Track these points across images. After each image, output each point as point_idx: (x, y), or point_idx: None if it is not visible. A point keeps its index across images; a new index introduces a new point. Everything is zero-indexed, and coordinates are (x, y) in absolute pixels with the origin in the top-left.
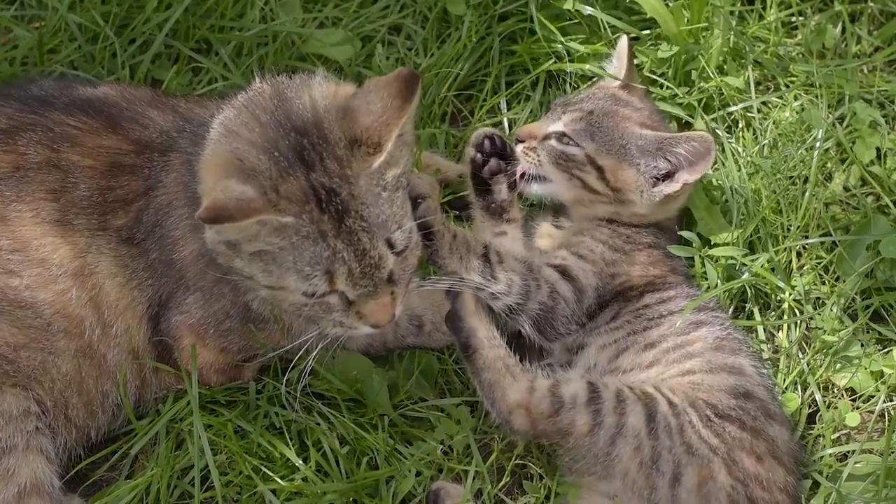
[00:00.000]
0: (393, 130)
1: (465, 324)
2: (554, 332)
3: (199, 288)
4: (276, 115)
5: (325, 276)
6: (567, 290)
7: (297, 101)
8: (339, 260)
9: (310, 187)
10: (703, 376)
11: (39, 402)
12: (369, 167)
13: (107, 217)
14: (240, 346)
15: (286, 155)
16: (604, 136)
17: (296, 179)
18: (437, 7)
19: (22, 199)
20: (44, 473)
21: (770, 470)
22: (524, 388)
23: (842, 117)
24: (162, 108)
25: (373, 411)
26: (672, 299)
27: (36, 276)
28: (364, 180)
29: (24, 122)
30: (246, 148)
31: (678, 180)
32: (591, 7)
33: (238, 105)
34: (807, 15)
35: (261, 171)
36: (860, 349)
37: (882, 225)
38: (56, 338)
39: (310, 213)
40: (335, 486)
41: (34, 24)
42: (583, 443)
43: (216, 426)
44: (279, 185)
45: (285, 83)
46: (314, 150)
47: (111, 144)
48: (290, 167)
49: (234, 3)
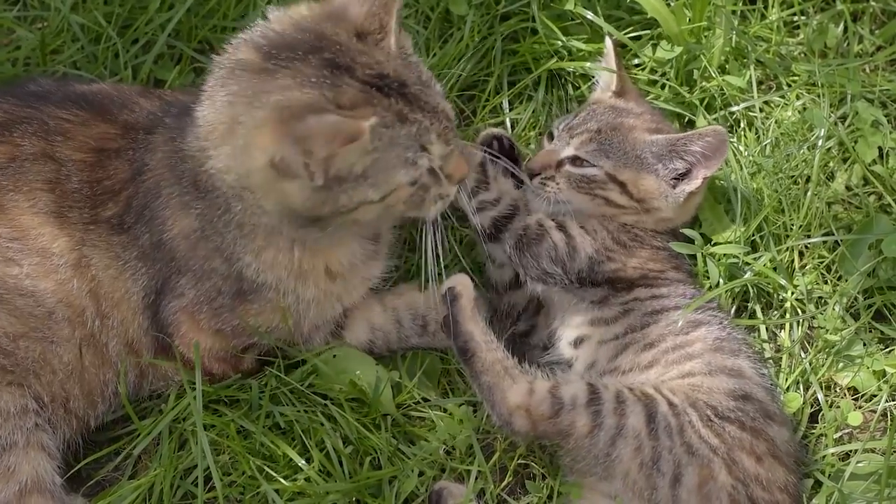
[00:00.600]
0: (392, 9)
1: (463, 328)
2: (536, 264)
3: (189, 268)
4: (279, 52)
5: (422, 152)
6: (560, 239)
7: (283, 31)
8: (425, 128)
9: (362, 84)
10: (702, 378)
11: (38, 398)
12: (388, 50)
13: (97, 210)
14: (233, 327)
15: (322, 73)
16: (617, 152)
17: (347, 86)
18: (439, 7)
19: (19, 189)
20: (45, 471)
21: (770, 470)
22: (524, 390)
23: (844, 116)
24: (149, 97)
25: (376, 411)
26: (664, 296)
27: (36, 264)
28: (394, 58)
29: (20, 115)
30: (286, 94)
31: (697, 177)
32: (592, 12)
33: (231, 74)
34: (809, 14)
35: (317, 101)
36: (862, 348)
37: (884, 224)
38: (59, 326)
39: (380, 103)
40: (338, 486)
41: (37, 25)
42: (583, 444)
43: (219, 426)
44: (340, 100)
45: (251, 34)
46: (340, 55)
47: (99, 132)
48: (334, 80)
49: (237, 4)
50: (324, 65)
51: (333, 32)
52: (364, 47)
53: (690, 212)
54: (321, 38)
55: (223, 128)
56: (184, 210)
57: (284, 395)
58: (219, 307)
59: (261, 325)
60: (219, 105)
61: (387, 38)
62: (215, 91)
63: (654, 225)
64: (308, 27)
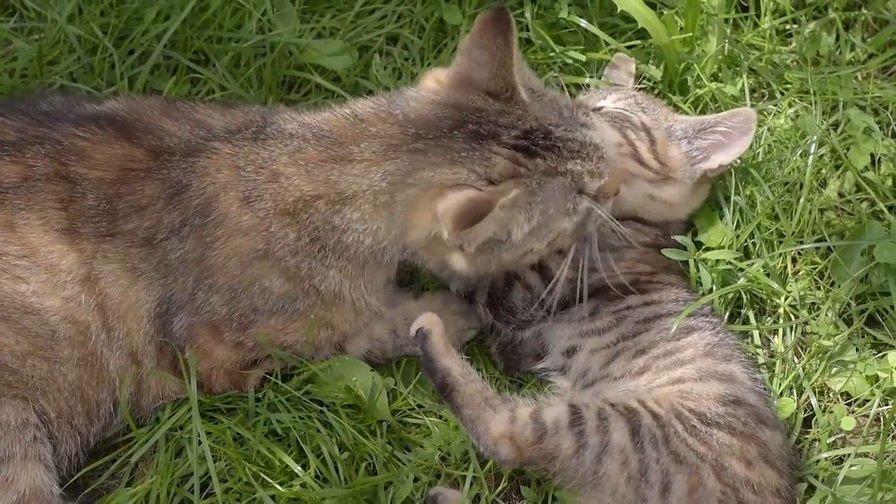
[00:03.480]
0: (511, 67)
1: (438, 364)
2: (512, 317)
3: (230, 287)
4: (426, 128)
5: (579, 196)
6: (535, 279)
7: (420, 105)
8: (578, 174)
9: (510, 149)
10: (692, 385)
11: (41, 413)
12: (523, 101)
13: (116, 223)
14: (254, 344)
15: (468, 146)
16: (652, 115)
17: (497, 155)
18: (433, 17)
19: (31, 208)
20: (43, 481)
21: (761, 474)
22: (506, 419)
23: (836, 124)
24: (177, 119)
25: (372, 417)
26: (657, 303)
27: (43, 282)
28: (531, 106)
29: (33, 135)
30: (434, 171)
31: (715, 161)
32: (586, 20)
33: (385, 155)
34: (801, 23)
35: (467, 179)
36: (855, 353)
37: (876, 230)
38: (61, 346)
39: (526, 166)
40: (334, 493)
41: (34, 36)
42: (570, 465)
43: (215, 433)
44: (491, 174)
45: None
46: (480, 122)
47: (123, 153)
48: (482, 152)
49: (232, 15)
50: (467, 137)
51: (468, 99)
52: (502, 106)
53: (694, 203)
54: (458, 107)
55: (370, 203)
56: (243, 232)
57: (281, 402)
58: (249, 322)
59: (285, 342)
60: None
61: (516, 91)
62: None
63: (657, 208)
64: (441, 99)
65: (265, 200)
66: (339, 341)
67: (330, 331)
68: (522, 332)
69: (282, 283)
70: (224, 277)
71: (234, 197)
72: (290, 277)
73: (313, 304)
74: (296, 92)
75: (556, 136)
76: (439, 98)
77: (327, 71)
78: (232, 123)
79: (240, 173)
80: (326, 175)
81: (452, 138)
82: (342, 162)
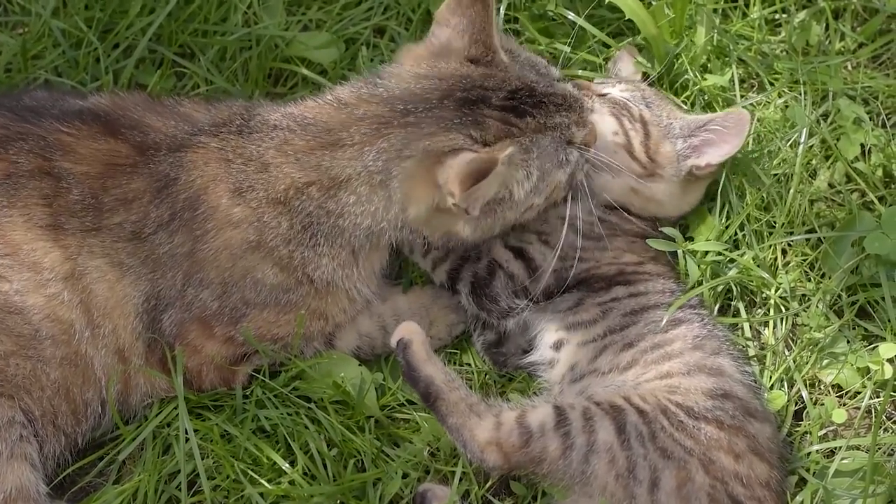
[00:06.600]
0: (491, 30)
1: (421, 373)
2: (496, 305)
3: (222, 281)
4: (414, 102)
5: (569, 147)
6: (519, 268)
7: (403, 80)
8: (565, 125)
9: (500, 111)
10: (680, 379)
11: (27, 412)
12: (503, 63)
13: (102, 217)
14: (245, 338)
15: (460, 113)
16: (654, 110)
17: (489, 118)
18: (420, 9)
19: (14, 205)
20: (29, 480)
21: (750, 467)
22: (491, 426)
23: (826, 114)
24: (163, 115)
25: (360, 413)
26: (643, 294)
27: (26, 280)
28: (511, 67)
29: (16, 131)
30: (430, 140)
31: (703, 158)
32: (573, 12)
33: (377, 134)
34: (790, 12)
35: (465, 143)
36: (846, 345)
37: (867, 221)
38: (43, 345)
39: (517, 126)
40: (322, 489)
41: (17, 30)
42: (558, 466)
43: (203, 430)
44: (486, 137)
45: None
46: (467, 88)
47: (108, 148)
48: (475, 117)
49: (218, 7)
50: (457, 105)
51: (451, 66)
52: (484, 70)
53: (684, 205)
54: (444, 77)
55: (366, 184)
56: (234, 224)
57: (269, 398)
58: (240, 317)
59: (277, 334)
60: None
61: (496, 54)
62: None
63: (641, 204)
64: (426, 72)
65: (257, 191)
66: (331, 333)
67: (323, 322)
68: (506, 322)
69: (274, 273)
70: (215, 271)
71: (224, 189)
72: (283, 267)
73: (306, 293)
74: (282, 85)
75: (539, 92)
76: (422, 71)
77: (314, 64)
78: (217, 117)
79: (229, 166)
80: (318, 161)
81: (443, 107)
82: (333, 147)
